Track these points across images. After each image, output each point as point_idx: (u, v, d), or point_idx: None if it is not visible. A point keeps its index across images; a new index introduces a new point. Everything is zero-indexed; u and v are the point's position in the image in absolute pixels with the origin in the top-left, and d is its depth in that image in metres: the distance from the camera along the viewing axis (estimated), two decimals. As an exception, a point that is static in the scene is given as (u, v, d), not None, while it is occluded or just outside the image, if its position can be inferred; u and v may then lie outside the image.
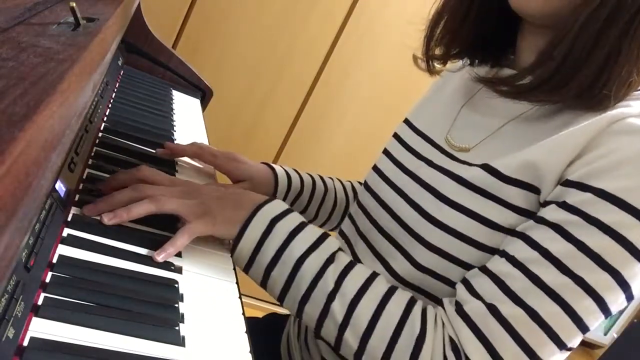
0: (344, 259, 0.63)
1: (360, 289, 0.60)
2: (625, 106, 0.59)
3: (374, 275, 0.62)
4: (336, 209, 0.97)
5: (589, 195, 0.55)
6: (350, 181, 1.01)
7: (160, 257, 0.59)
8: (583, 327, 0.55)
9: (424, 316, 0.59)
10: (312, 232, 0.64)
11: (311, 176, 0.96)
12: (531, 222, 0.59)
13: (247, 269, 0.64)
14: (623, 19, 0.56)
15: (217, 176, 0.93)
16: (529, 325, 0.55)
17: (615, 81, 0.57)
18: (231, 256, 0.65)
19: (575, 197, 0.55)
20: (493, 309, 0.56)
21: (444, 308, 0.61)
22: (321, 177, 0.97)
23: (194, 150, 0.88)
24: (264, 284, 0.63)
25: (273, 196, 0.89)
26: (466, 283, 0.61)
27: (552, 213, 0.57)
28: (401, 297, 0.61)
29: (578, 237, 0.54)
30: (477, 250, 0.62)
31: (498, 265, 0.58)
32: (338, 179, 1.00)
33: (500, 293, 0.57)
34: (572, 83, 0.59)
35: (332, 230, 1.01)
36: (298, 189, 0.92)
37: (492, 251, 0.61)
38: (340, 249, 0.64)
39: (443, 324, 0.59)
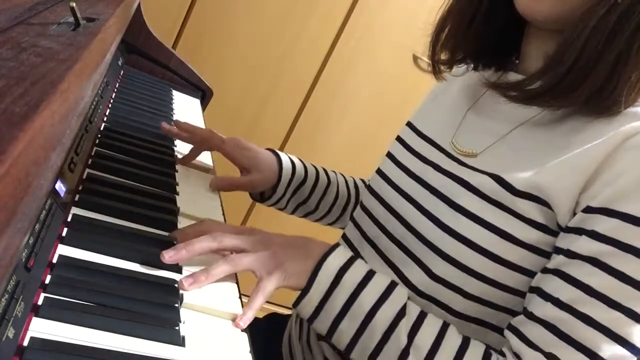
0: (414, 310, 0.62)
1: (434, 344, 0.59)
2: (635, 114, 0.58)
3: (445, 326, 0.61)
4: (337, 203, 0.96)
5: (616, 221, 0.54)
6: (353, 178, 1.01)
7: (242, 322, 0.59)
8: (636, 351, 0.55)
9: None
10: (380, 282, 0.63)
11: (315, 167, 0.96)
12: (563, 257, 0.57)
13: (311, 320, 0.63)
14: (632, 23, 0.55)
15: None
16: None
17: (625, 85, 0.57)
18: (294, 307, 0.63)
19: (603, 225, 0.55)
20: (554, 358, 0.55)
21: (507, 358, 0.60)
22: (325, 170, 0.97)
23: (204, 134, 0.91)
24: (329, 335, 0.62)
25: (277, 184, 0.90)
26: (517, 332, 0.59)
27: (584, 245, 0.56)
28: (476, 350, 0.60)
29: (616, 267, 0.54)
30: (494, 263, 0.61)
31: (545, 310, 0.57)
32: (342, 174, 1.00)
33: (556, 340, 0.56)
34: (581, 88, 0.58)
35: (330, 224, 1.01)
36: (301, 178, 0.92)
37: (511, 265, 0.60)
38: (409, 298, 0.63)
39: None
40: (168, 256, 0.61)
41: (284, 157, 0.92)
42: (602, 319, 0.54)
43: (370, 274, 0.63)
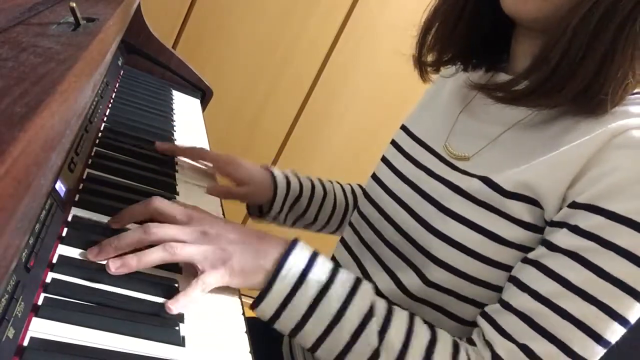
0: (382, 308, 0.60)
1: (405, 341, 0.58)
2: (624, 113, 0.58)
3: (412, 320, 0.60)
4: (335, 213, 0.96)
5: (600, 218, 0.54)
6: (350, 184, 1.01)
7: (174, 308, 0.54)
8: (608, 346, 0.55)
9: None
10: (346, 280, 0.60)
11: (310, 180, 0.95)
12: (544, 249, 0.57)
13: (272, 322, 0.59)
14: (616, 21, 0.55)
15: (217, 178, 0.93)
16: None
17: (611, 84, 0.57)
18: (252, 309, 0.59)
19: (587, 221, 0.55)
20: (526, 350, 0.55)
21: (477, 347, 0.60)
22: (320, 181, 0.97)
23: (194, 157, 0.89)
24: (292, 334, 0.59)
25: (272, 200, 0.90)
26: (491, 321, 0.59)
27: (565, 239, 0.56)
28: (446, 343, 0.59)
29: (596, 263, 0.54)
30: (485, 265, 0.61)
31: (522, 301, 0.57)
32: (338, 182, 1.00)
33: (531, 331, 0.56)
34: (567, 87, 0.58)
35: (331, 233, 1.01)
36: (297, 193, 0.92)
37: (501, 266, 0.60)
38: (376, 295, 0.61)
39: None
40: (93, 255, 0.56)
41: (277, 173, 0.92)
42: (578, 313, 0.54)
43: (335, 272, 0.60)
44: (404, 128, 0.81)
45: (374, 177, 0.79)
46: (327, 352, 0.59)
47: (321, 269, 0.59)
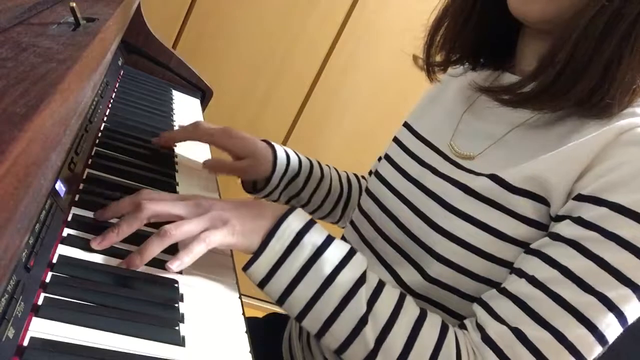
0: (373, 278, 0.61)
1: (393, 313, 0.58)
2: (632, 114, 0.58)
3: (403, 297, 0.61)
4: (329, 197, 0.96)
5: (604, 210, 0.54)
6: (346, 172, 1.01)
7: (174, 266, 0.55)
8: (605, 343, 0.55)
9: (458, 345, 0.58)
10: (340, 247, 0.60)
11: (309, 160, 0.95)
12: (547, 239, 0.58)
13: (263, 284, 0.59)
14: (623, 25, 0.55)
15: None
16: (555, 348, 0.54)
17: (618, 88, 0.57)
18: (244, 270, 0.59)
19: (590, 212, 0.55)
20: (518, 333, 0.55)
21: (467, 331, 0.60)
22: (319, 163, 0.97)
23: (189, 135, 0.88)
24: (281, 300, 0.59)
25: (271, 175, 0.88)
26: (485, 306, 0.59)
27: (567, 229, 0.56)
28: (434, 322, 0.59)
29: (596, 252, 0.54)
30: (487, 261, 0.61)
31: (518, 286, 0.57)
32: (335, 168, 0.99)
33: (524, 316, 0.56)
34: (573, 90, 0.58)
35: (321, 219, 1.00)
36: (295, 170, 0.91)
37: (503, 263, 0.60)
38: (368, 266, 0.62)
39: (474, 352, 0.58)
40: (96, 243, 0.57)
41: (278, 148, 0.91)
42: (574, 301, 0.54)
43: (330, 238, 0.61)
44: (407, 126, 0.81)
45: (377, 174, 0.80)
46: (313, 321, 0.58)
47: (317, 233, 0.60)
